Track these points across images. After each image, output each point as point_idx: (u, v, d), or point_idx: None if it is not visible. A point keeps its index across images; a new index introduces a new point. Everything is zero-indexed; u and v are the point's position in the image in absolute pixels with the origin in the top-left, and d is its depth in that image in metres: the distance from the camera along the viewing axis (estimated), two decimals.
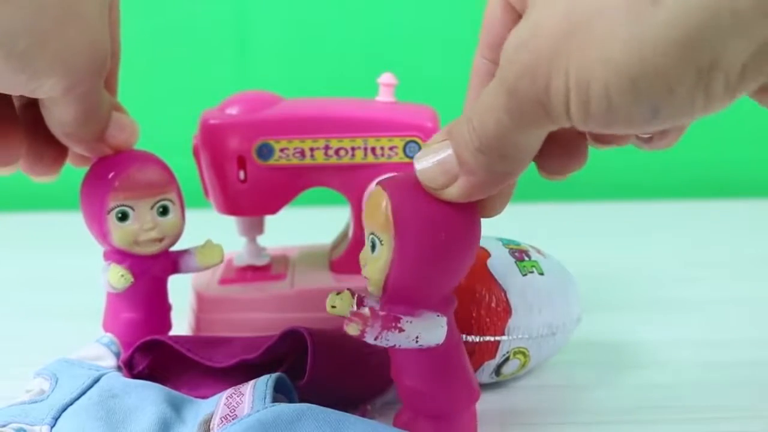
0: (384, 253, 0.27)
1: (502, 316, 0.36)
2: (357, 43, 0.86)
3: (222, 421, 0.28)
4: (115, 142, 0.33)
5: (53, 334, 0.46)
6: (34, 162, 0.33)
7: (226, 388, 0.30)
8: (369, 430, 0.27)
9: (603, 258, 0.64)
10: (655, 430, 0.34)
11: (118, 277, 0.34)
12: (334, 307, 0.29)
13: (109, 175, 0.34)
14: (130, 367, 0.34)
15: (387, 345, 0.27)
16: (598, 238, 0.72)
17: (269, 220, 0.46)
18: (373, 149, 0.41)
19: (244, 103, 0.42)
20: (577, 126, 0.21)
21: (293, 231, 0.53)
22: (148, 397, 0.30)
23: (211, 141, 0.41)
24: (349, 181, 0.42)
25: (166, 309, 0.39)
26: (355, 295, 0.30)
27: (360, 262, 0.29)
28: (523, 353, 0.37)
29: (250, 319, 0.41)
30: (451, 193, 0.25)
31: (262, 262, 0.46)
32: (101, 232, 0.35)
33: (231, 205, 0.42)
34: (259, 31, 0.86)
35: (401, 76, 0.44)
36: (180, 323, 0.41)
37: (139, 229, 0.35)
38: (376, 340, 0.27)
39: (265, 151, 0.41)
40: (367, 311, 0.27)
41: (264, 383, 0.30)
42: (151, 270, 0.36)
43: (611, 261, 0.63)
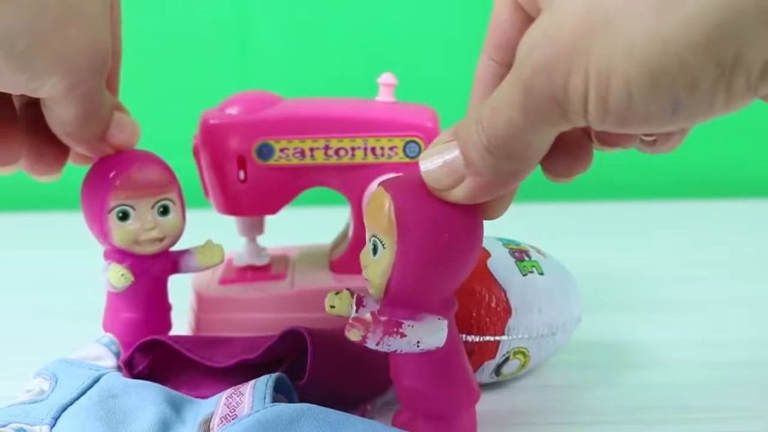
0: (386, 257, 0.27)
1: (502, 316, 0.36)
2: (357, 43, 0.86)
3: (222, 421, 0.28)
4: (117, 142, 0.33)
5: (53, 334, 0.46)
6: (36, 161, 0.33)
7: (226, 388, 0.30)
8: (369, 430, 0.27)
9: (603, 258, 0.64)
10: (655, 430, 0.34)
11: (118, 276, 0.34)
12: (333, 307, 0.29)
13: (110, 175, 0.34)
14: (130, 367, 0.34)
15: (389, 350, 0.27)
16: (598, 238, 0.72)
17: (269, 220, 0.46)
18: (373, 149, 0.41)
19: (244, 103, 0.42)
20: (591, 124, 0.21)
21: (293, 231, 0.53)
22: (148, 397, 0.30)
23: (211, 141, 0.41)
24: (349, 181, 0.42)
25: (166, 309, 0.39)
26: (354, 295, 0.29)
27: (361, 263, 0.29)
28: (523, 353, 0.37)
29: (250, 319, 0.41)
30: (456, 194, 0.25)
31: (262, 262, 0.46)
32: (102, 232, 0.35)
33: (231, 205, 0.42)
34: (259, 31, 0.86)
35: (401, 76, 0.44)
36: (180, 323, 0.41)
37: (140, 228, 0.35)
38: (377, 345, 0.27)
39: (265, 151, 0.41)
40: (368, 316, 0.27)
41: (264, 383, 0.30)
42: (152, 270, 0.37)
43: (611, 261, 0.63)
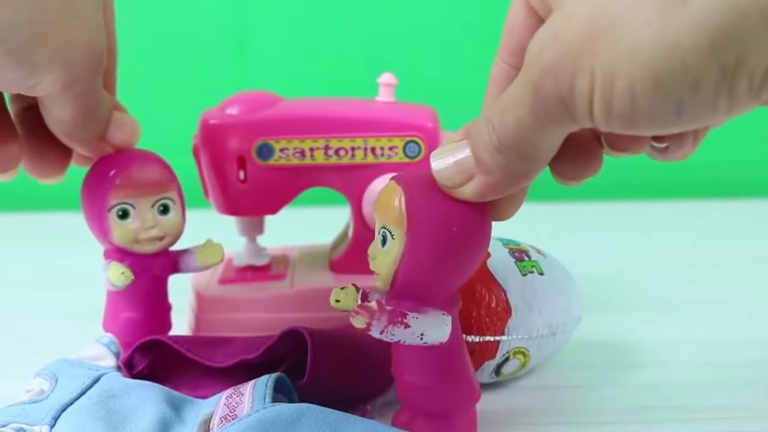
0: (395, 247, 0.27)
1: (502, 316, 0.36)
2: (357, 43, 0.86)
3: (222, 421, 0.28)
4: (116, 141, 0.33)
5: (53, 334, 0.46)
6: (39, 164, 0.33)
7: (226, 388, 0.30)
8: (369, 430, 0.27)
9: (603, 258, 0.64)
10: (655, 430, 0.34)
11: (118, 274, 0.34)
12: (338, 301, 0.29)
13: (111, 173, 0.34)
14: (130, 367, 0.34)
15: (392, 340, 0.27)
16: (598, 238, 0.72)
17: (269, 220, 0.46)
18: (373, 149, 0.41)
19: (244, 103, 0.42)
20: (598, 126, 0.21)
21: (293, 231, 0.53)
22: (148, 397, 0.30)
23: (211, 141, 0.41)
24: (349, 181, 0.42)
25: (166, 309, 0.39)
26: (360, 291, 0.30)
27: (369, 255, 0.29)
28: (523, 353, 0.37)
29: (250, 319, 0.41)
30: (465, 191, 0.26)
31: (262, 262, 0.46)
32: (102, 230, 0.35)
33: (231, 205, 0.42)
34: (259, 31, 0.86)
35: (401, 76, 0.44)
36: (180, 323, 0.41)
37: (140, 227, 0.35)
38: (381, 334, 0.27)
39: (265, 151, 0.41)
40: (374, 304, 0.27)
41: (264, 383, 0.30)
42: (152, 269, 0.37)
43: (611, 261, 0.63)
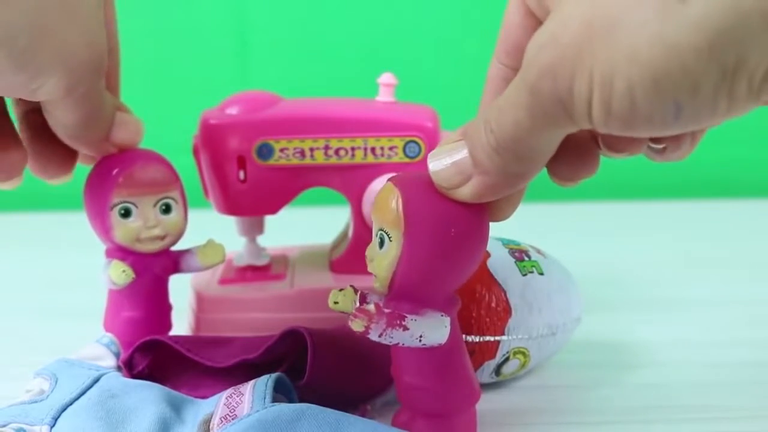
0: (393, 249, 0.27)
1: (502, 316, 0.36)
2: (357, 43, 0.86)
3: (222, 421, 0.28)
4: (120, 142, 0.34)
5: (53, 334, 0.46)
6: (46, 166, 0.33)
7: (226, 388, 0.30)
8: (369, 430, 0.27)
9: (603, 258, 0.64)
10: (654, 429, 0.34)
11: (119, 272, 0.34)
12: (336, 303, 0.29)
13: (113, 172, 0.34)
14: (130, 367, 0.34)
15: (390, 343, 0.27)
16: (598, 238, 0.72)
17: (269, 220, 0.46)
18: (373, 149, 0.41)
19: (244, 103, 0.42)
20: (597, 127, 0.21)
21: (293, 231, 0.53)
22: (148, 397, 0.30)
23: (211, 141, 0.41)
24: (349, 181, 0.42)
25: (167, 309, 0.39)
26: (358, 292, 0.30)
27: (366, 257, 0.29)
28: (523, 353, 0.37)
29: (250, 319, 0.41)
30: (463, 192, 0.25)
31: (262, 262, 0.46)
32: (104, 229, 0.35)
33: (231, 205, 0.42)
34: (259, 31, 0.86)
35: (401, 76, 0.44)
36: (180, 323, 0.41)
37: (142, 226, 0.35)
38: (380, 337, 0.27)
39: (265, 151, 0.41)
40: (372, 308, 0.27)
41: (264, 383, 0.30)
42: (153, 268, 0.37)
43: (611, 261, 0.63)
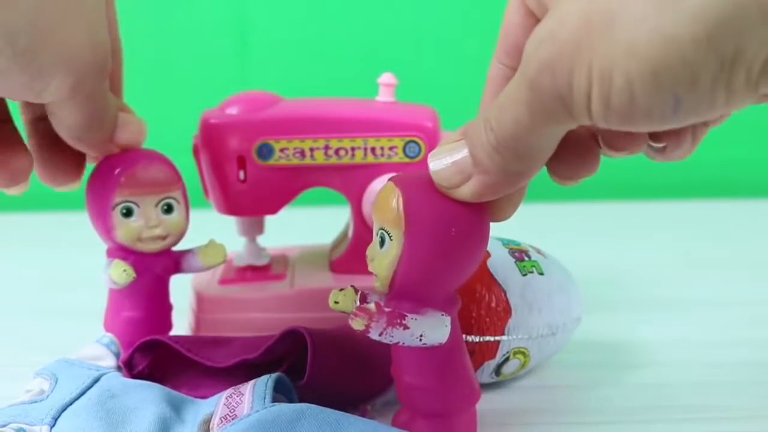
0: (393, 249, 0.27)
1: (502, 316, 0.36)
2: (357, 43, 0.86)
3: (222, 421, 0.28)
4: (123, 142, 0.34)
5: (53, 334, 0.46)
6: (54, 173, 0.33)
7: (226, 388, 0.30)
8: (369, 430, 0.27)
9: (603, 258, 0.64)
10: (654, 429, 0.34)
11: (120, 272, 0.34)
12: (337, 302, 0.29)
13: (116, 171, 0.34)
14: (130, 367, 0.34)
15: (391, 342, 0.27)
16: (598, 238, 0.72)
17: (269, 220, 0.46)
18: (373, 149, 0.41)
19: (244, 103, 0.42)
20: (596, 122, 0.21)
21: (293, 231, 0.53)
22: (148, 397, 0.30)
23: (211, 141, 0.41)
24: (349, 181, 0.42)
25: (167, 309, 0.39)
26: (359, 292, 0.30)
27: (367, 257, 0.29)
28: (523, 353, 0.37)
29: (250, 319, 0.41)
30: (463, 192, 0.26)
31: (262, 262, 0.46)
32: (105, 228, 0.35)
33: (231, 205, 0.42)
34: (259, 31, 0.86)
35: (401, 76, 0.44)
36: (180, 323, 0.41)
37: (143, 225, 0.35)
38: (380, 336, 0.27)
39: (265, 151, 0.41)
40: (372, 306, 0.27)
41: (264, 383, 0.30)
42: (154, 268, 0.37)
43: (611, 261, 0.63)
